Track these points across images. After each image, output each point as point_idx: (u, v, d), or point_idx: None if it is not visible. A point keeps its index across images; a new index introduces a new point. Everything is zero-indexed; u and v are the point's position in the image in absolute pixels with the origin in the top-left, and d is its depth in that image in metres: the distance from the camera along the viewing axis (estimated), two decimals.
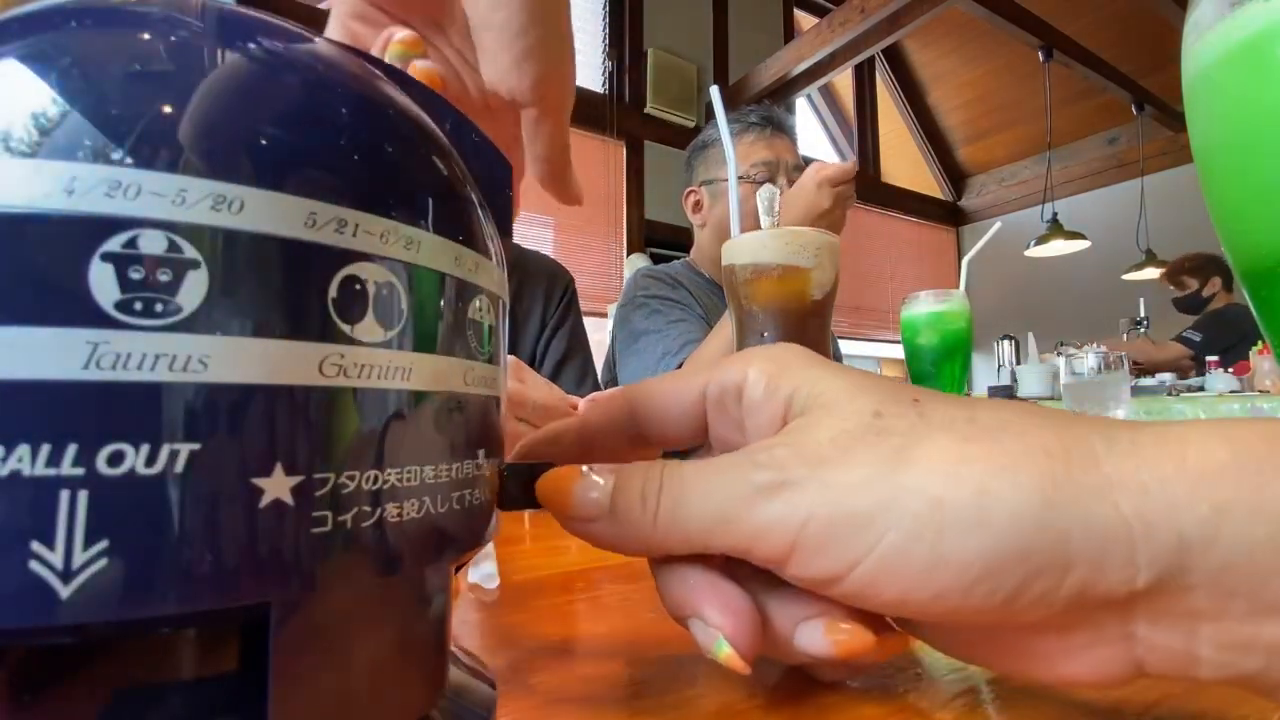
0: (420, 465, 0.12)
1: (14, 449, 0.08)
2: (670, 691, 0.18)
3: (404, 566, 0.12)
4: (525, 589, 0.28)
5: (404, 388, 0.12)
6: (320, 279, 0.11)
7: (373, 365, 0.11)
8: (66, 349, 0.09)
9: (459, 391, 0.13)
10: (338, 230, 0.11)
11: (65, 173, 0.09)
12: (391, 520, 0.11)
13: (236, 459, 0.10)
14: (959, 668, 0.20)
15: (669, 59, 3.68)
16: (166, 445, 0.09)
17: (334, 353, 0.11)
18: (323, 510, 0.10)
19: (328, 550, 0.11)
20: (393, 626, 0.12)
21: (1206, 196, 0.23)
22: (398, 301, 0.12)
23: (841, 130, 5.02)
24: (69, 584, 0.08)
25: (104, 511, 0.09)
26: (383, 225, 0.11)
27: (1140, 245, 3.66)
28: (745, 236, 0.43)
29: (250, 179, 0.10)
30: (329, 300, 0.11)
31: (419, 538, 0.12)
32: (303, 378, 0.10)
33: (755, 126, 1.05)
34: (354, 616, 0.11)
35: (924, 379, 0.79)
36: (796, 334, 0.42)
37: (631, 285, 1.10)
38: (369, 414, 0.11)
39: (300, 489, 0.10)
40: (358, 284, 0.11)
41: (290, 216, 0.10)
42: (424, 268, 0.12)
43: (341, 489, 0.11)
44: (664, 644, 0.21)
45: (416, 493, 0.12)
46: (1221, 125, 0.22)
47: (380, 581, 0.12)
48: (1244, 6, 0.20)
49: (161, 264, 0.09)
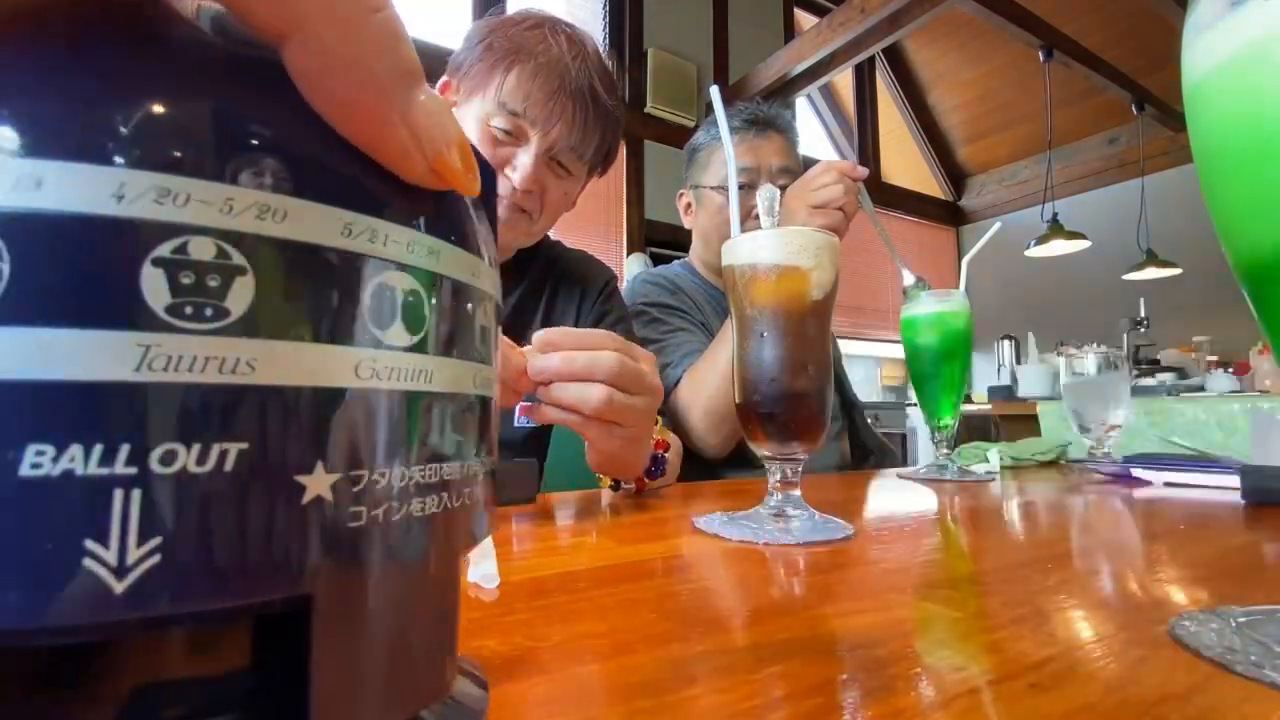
0: (440, 463, 0.13)
1: (66, 449, 0.09)
2: (670, 691, 0.18)
3: (427, 559, 0.13)
4: (525, 589, 0.28)
5: (426, 389, 0.12)
6: (356, 286, 0.11)
7: (401, 368, 0.12)
8: (120, 351, 0.09)
9: (469, 393, 0.14)
10: (370, 240, 0.11)
11: (115, 178, 0.09)
12: (416, 515, 0.12)
13: (281, 457, 0.10)
14: (959, 667, 0.20)
15: (669, 59, 3.67)
16: (216, 445, 0.09)
17: (368, 356, 0.11)
18: (359, 505, 0.11)
19: (364, 543, 0.11)
20: (417, 616, 0.13)
21: (1206, 196, 0.23)
22: (422, 309, 0.12)
23: (841, 130, 5.01)
24: (123, 580, 0.09)
25: (157, 509, 0.09)
26: (409, 235, 0.12)
27: (1140, 245, 3.66)
28: (744, 236, 0.43)
29: (292, 190, 0.11)
30: (363, 306, 0.11)
31: (439, 531, 0.13)
32: (341, 380, 0.11)
33: (738, 130, 1.03)
34: (385, 607, 0.12)
35: (924, 379, 0.79)
36: (796, 334, 0.42)
37: (631, 291, 1.09)
38: (397, 414, 0.12)
39: (339, 485, 0.11)
40: (388, 291, 0.12)
41: (329, 227, 0.11)
42: (445, 276, 0.13)
43: (375, 485, 0.11)
44: (664, 644, 0.21)
45: (437, 489, 0.13)
46: (1221, 127, 0.22)
47: (407, 573, 0.12)
48: (1244, 7, 0.20)
49: (211, 270, 0.10)
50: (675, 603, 0.26)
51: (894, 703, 0.17)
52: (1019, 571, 0.32)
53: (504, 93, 0.67)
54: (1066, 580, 0.30)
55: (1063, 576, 0.31)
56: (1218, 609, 0.24)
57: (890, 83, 5.05)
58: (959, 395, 0.78)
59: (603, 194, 3.44)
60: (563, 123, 0.69)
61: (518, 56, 0.67)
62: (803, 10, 4.50)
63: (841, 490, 0.65)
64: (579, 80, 0.69)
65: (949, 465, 0.76)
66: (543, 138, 0.69)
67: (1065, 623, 0.24)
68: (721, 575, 0.31)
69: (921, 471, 0.77)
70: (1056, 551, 0.37)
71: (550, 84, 0.68)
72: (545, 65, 0.67)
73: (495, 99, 0.68)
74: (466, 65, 0.71)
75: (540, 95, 0.68)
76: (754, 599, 0.27)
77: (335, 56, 0.11)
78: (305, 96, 0.11)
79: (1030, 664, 0.20)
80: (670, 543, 0.38)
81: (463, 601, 0.27)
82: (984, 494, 0.62)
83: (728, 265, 0.45)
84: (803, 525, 0.40)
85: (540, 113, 0.68)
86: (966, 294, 0.80)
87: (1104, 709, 0.17)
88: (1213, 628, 0.22)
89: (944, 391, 0.78)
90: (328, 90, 0.11)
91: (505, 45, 0.68)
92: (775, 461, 0.43)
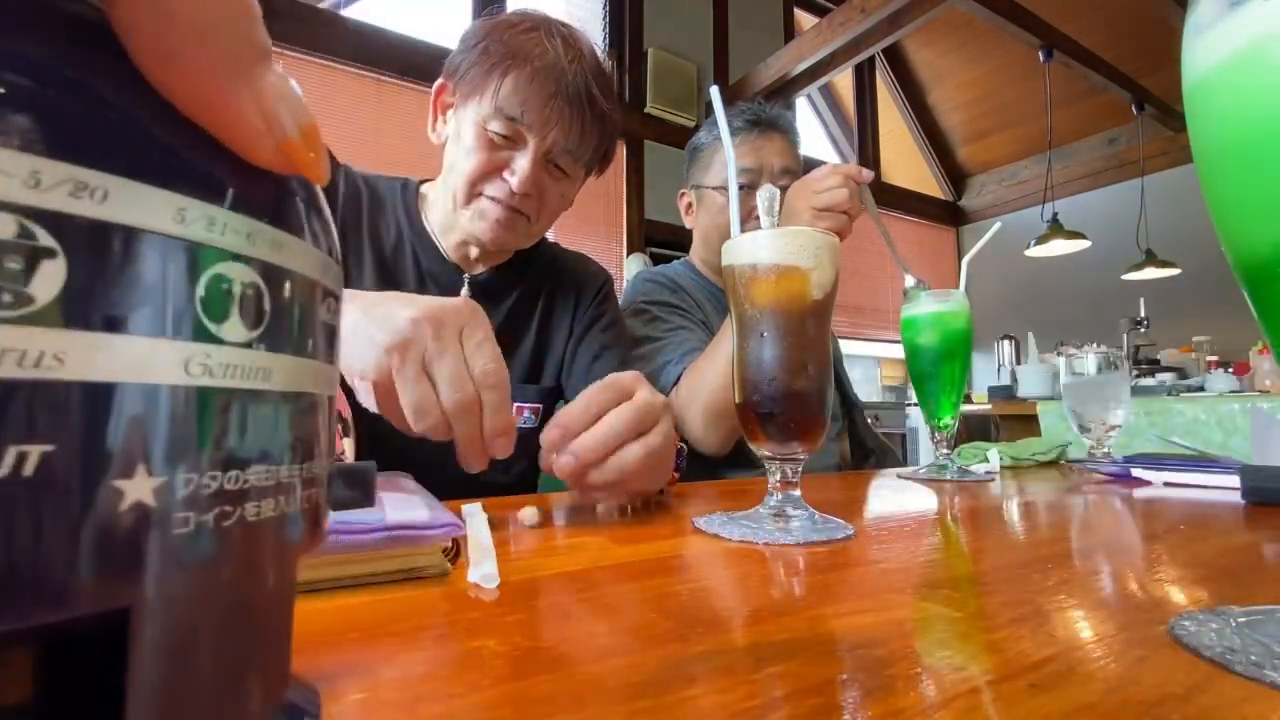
0: (277, 465, 0.12)
1: None
2: (670, 691, 0.18)
3: (263, 564, 0.12)
4: (525, 589, 0.28)
5: (264, 388, 0.12)
6: (188, 277, 0.10)
7: (236, 365, 0.11)
8: None
9: (310, 392, 0.13)
10: (207, 228, 0.11)
11: None
12: (251, 519, 0.11)
13: (95, 460, 0.09)
14: (959, 667, 0.20)
15: (669, 59, 3.67)
16: (14, 447, 0.09)
17: (199, 352, 0.10)
18: (187, 511, 0.10)
19: (190, 551, 0.10)
20: (249, 626, 0.12)
21: (1206, 196, 0.23)
22: (262, 303, 0.12)
23: (841, 130, 5.01)
24: None
25: None
26: (250, 226, 0.11)
27: (1140, 245, 3.66)
28: (744, 236, 0.43)
29: (117, 168, 0.10)
30: (197, 299, 0.11)
31: (276, 536, 0.12)
32: (168, 376, 0.10)
33: (740, 130, 1.03)
34: (213, 617, 0.11)
35: (924, 379, 0.79)
36: (796, 334, 0.42)
37: (631, 290, 1.09)
38: (232, 414, 0.11)
39: (163, 490, 0.10)
40: (225, 283, 0.11)
41: (158, 211, 0.10)
42: (289, 270, 0.12)
43: (205, 489, 0.11)
44: (664, 644, 0.21)
45: (273, 492, 0.12)
46: (1221, 127, 0.22)
47: (240, 580, 0.12)
48: (1244, 7, 0.20)
49: (10, 250, 0.09)
50: (675, 603, 0.26)
51: (894, 703, 0.17)
52: (1019, 571, 0.32)
53: (500, 98, 0.67)
54: (1066, 580, 0.30)
55: (1063, 576, 0.31)
56: (1217, 609, 0.24)
57: (890, 83, 5.05)
58: (959, 395, 0.78)
59: (603, 194, 3.44)
60: (560, 127, 0.69)
61: (514, 61, 0.67)
62: (803, 10, 4.50)
63: (841, 490, 0.65)
64: (575, 84, 0.68)
65: (949, 465, 0.76)
66: (540, 142, 0.69)
67: (1065, 623, 0.24)
68: (721, 575, 0.31)
69: (921, 471, 0.77)
70: (1056, 551, 0.37)
71: (547, 89, 0.67)
72: (541, 70, 0.67)
73: (492, 104, 0.67)
74: (463, 69, 0.71)
75: (537, 100, 0.67)
76: (754, 599, 0.27)
77: (179, 18, 0.10)
78: (136, 61, 0.10)
79: (1030, 664, 0.20)
80: (670, 543, 0.38)
81: (463, 601, 0.27)
82: (984, 494, 0.62)
83: (728, 265, 0.45)
84: (803, 525, 0.40)
85: (537, 117, 0.68)
86: (966, 294, 0.80)
87: (1104, 709, 0.17)
88: (1213, 628, 0.22)
89: (944, 391, 0.78)
90: (166, 55, 0.10)
91: (501, 49, 0.68)
92: (775, 461, 0.43)
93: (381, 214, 0.77)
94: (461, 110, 0.71)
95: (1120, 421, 0.86)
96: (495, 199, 0.71)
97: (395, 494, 0.34)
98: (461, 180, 0.70)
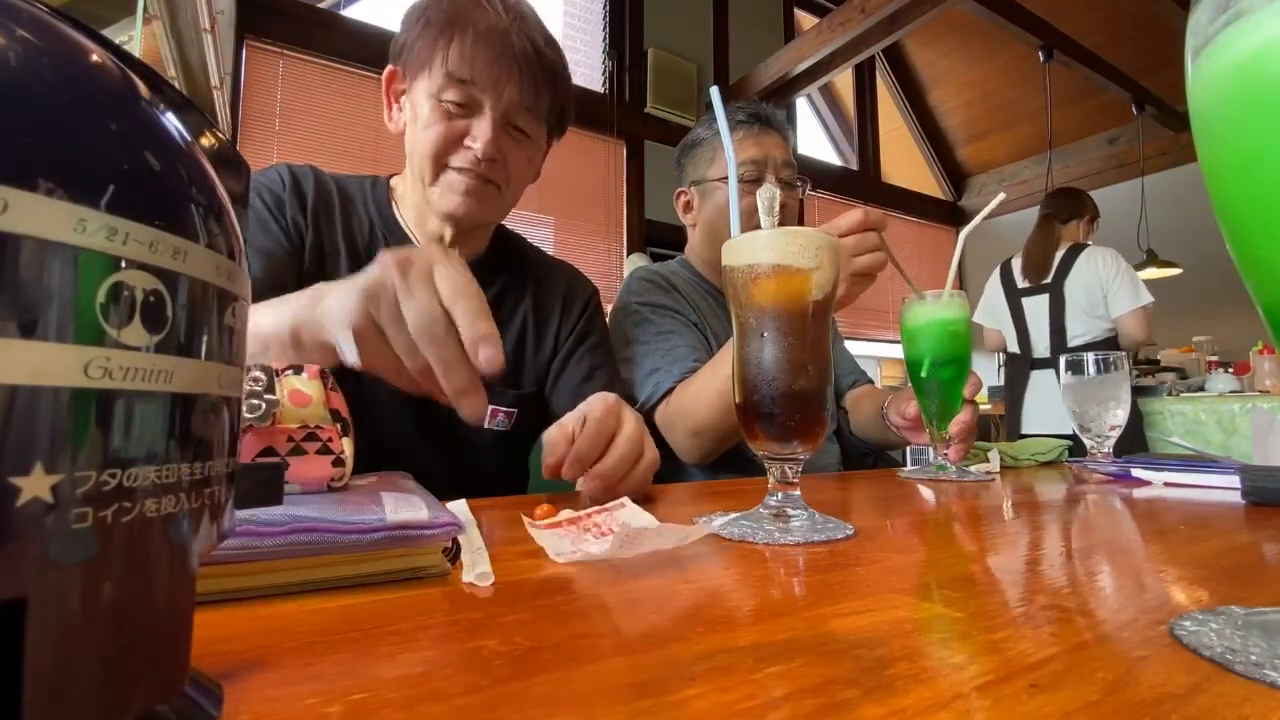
0: (178, 463, 0.13)
1: None
2: (670, 691, 0.18)
3: (159, 560, 0.12)
4: (524, 589, 0.28)
5: (166, 390, 0.12)
6: (88, 283, 0.11)
7: (137, 368, 0.12)
8: None
9: (214, 394, 0.14)
10: (108, 238, 0.11)
11: None
12: (150, 515, 0.12)
13: None
14: (959, 667, 0.20)
15: (669, 59, 3.67)
16: None
17: (99, 356, 0.11)
18: (84, 507, 0.11)
19: (88, 546, 0.11)
20: (146, 618, 0.13)
21: (1210, 195, 0.22)
22: (164, 309, 0.12)
23: (841, 130, 5.01)
24: None
25: None
26: (152, 235, 0.12)
27: (1140, 245, 3.66)
28: (744, 236, 0.43)
29: (15, 180, 0.10)
30: (97, 305, 0.11)
31: (174, 533, 0.13)
32: (67, 379, 0.10)
33: (743, 124, 1.03)
34: (111, 610, 0.12)
35: (925, 392, 0.79)
36: (797, 334, 0.42)
37: (625, 289, 1.08)
38: (132, 415, 0.12)
39: (61, 486, 0.10)
40: (126, 290, 0.11)
41: (58, 221, 0.10)
42: (190, 276, 0.13)
43: (104, 486, 0.11)
44: (664, 644, 0.21)
45: (173, 490, 0.13)
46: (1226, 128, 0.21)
47: (137, 574, 0.12)
48: (1246, 8, 0.20)
49: None
50: (675, 603, 0.26)
51: (894, 703, 0.17)
52: (1019, 572, 0.32)
53: (450, 64, 0.68)
54: (1066, 580, 0.30)
55: (1063, 576, 0.31)
56: (1218, 609, 0.24)
57: (890, 83, 5.05)
58: (958, 402, 0.78)
59: (603, 194, 3.44)
60: (512, 84, 0.69)
61: (457, 27, 0.68)
62: (803, 10, 4.50)
63: (841, 490, 0.65)
64: (520, 43, 0.69)
65: (949, 465, 0.76)
66: (496, 102, 0.69)
67: (1065, 623, 0.24)
68: (721, 575, 0.31)
69: (922, 471, 0.77)
70: (1056, 551, 0.37)
71: (493, 49, 0.68)
72: (485, 32, 0.68)
73: (442, 72, 0.68)
74: (408, 46, 0.71)
75: (485, 59, 0.68)
76: (754, 599, 0.27)
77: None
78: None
79: (1030, 664, 0.20)
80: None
81: (463, 601, 0.27)
82: (984, 494, 0.62)
83: (728, 265, 0.45)
84: (803, 525, 0.40)
85: (488, 77, 0.68)
86: (965, 294, 0.80)
87: (1104, 709, 0.17)
88: (1213, 628, 0.22)
89: (946, 402, 0.78)
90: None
91: (442, 18, 0.69)
92: (775, 461, 0.43)
93: (353, 212, 0.77)
94: (414, 89, 0.71)
95: (1120, 421, 0.86)
96: (461, 169, 0.71)
97: (395, 494, 0.34)
98: (425, 158, 0.71)
